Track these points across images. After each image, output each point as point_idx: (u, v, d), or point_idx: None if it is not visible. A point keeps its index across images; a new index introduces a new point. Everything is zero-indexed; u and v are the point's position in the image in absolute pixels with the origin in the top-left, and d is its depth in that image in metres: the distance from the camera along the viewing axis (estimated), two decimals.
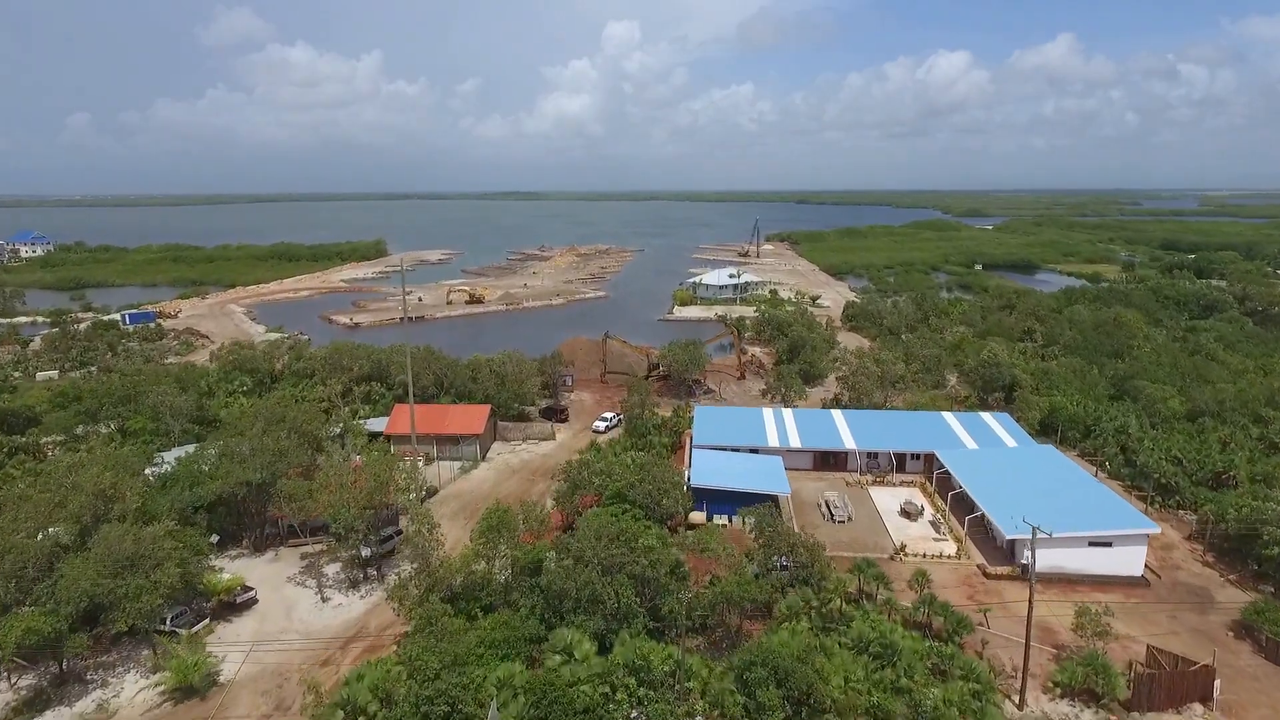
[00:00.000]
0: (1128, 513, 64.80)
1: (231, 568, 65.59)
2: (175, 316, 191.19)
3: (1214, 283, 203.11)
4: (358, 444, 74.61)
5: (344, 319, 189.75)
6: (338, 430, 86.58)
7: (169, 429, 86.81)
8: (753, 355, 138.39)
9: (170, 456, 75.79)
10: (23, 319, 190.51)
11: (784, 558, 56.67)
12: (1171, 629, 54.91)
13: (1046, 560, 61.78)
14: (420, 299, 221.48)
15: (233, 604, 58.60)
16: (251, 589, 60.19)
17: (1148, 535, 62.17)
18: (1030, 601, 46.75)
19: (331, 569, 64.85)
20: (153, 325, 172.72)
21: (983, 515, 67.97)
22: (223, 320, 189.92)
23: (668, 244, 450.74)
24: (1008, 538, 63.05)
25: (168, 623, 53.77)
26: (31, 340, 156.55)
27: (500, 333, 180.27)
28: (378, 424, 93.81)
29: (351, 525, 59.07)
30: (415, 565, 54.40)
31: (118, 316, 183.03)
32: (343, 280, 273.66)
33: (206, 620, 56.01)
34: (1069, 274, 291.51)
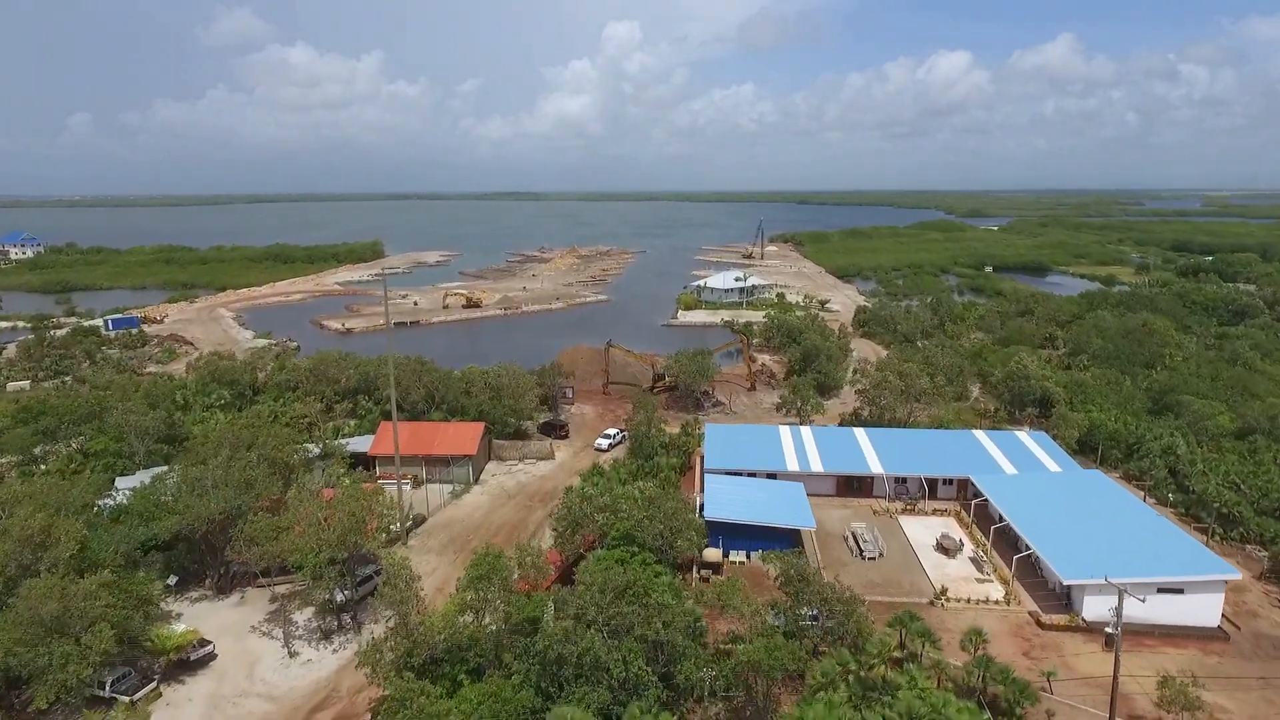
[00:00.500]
0: (1200, 554, 57.62)
1: (190, 613, 58.51)
2: (160, 321, 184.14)
3: (1241, 286, 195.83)
4: (334, 473, 67.49)
5: (336, 324, 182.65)
6: (317, 451, 79.44)
7: (133, 450, 79.69)
8: (763, 364, 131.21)
9: (131, 483, 68.77)
10: (2, 324, 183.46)
11: (815, 609, 49.53)
12: (1267, 698, 47.70)
13: (1108, 608, 54.62)
14: (416, 303, 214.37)
15: (186, 661, 51.45)
16: (209, 643, 53.01)
17: (1225, 581, 55.00)
18: (1115, 677, 39.59)
19: (302, 615, 57.70)
20: (135, 331, 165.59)
21: (1033, 554, 60.75)
22: (210, 325, 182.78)
23: (669, 245, 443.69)
24: (1066, 583, 55.89)
25: (107, 688, 46.67)
26: (6, 347, 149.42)
27: (498, 339, 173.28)
28: (362, 443, 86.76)
29: (319, 572, 51.93)
30: (390, 622, 47.16)
31: (100, 322, 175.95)
32: (337, 283, 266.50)
33: (154, 684, 48.82)
34: (1081, 276, 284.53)
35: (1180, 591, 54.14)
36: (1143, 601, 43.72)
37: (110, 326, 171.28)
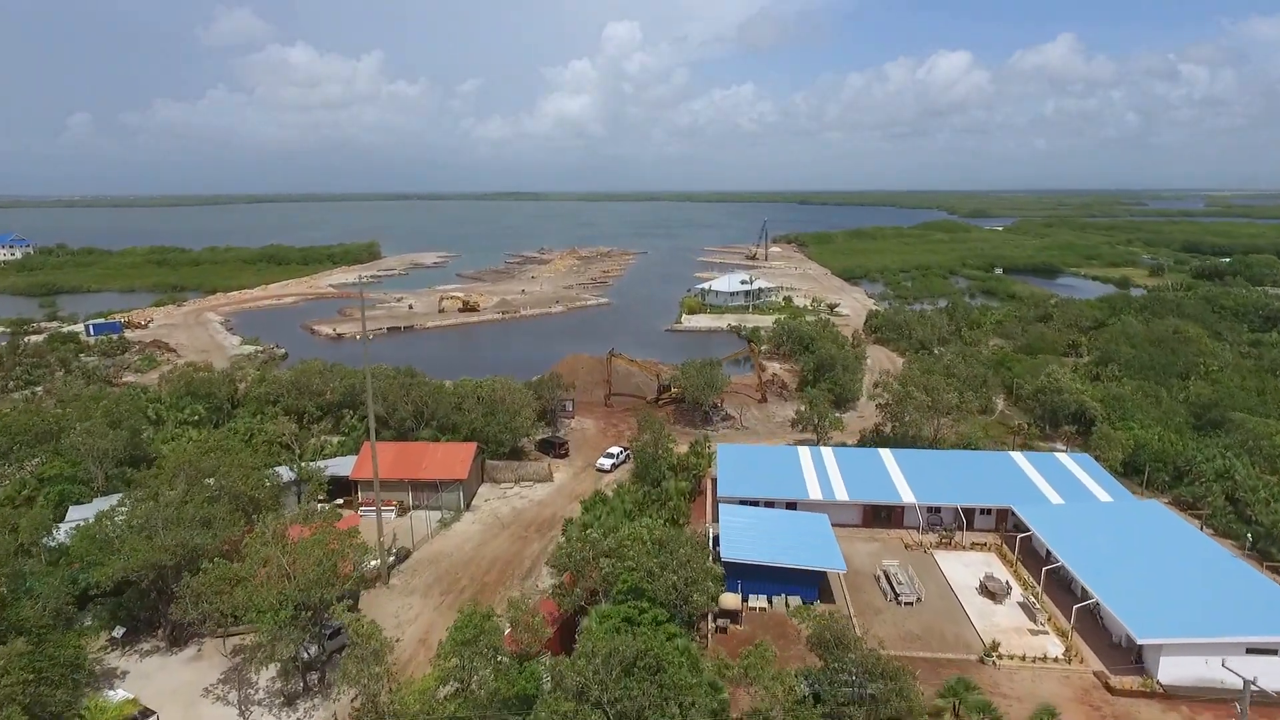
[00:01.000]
0: None
1: (137, 671, 51.43)
2: (145, 326, 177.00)
3: (1270, 290, 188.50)
4: (305, 510, 60.12)
5: (327, 329, 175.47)
6: (292, 476, 72.33)
7: (91, 475, 72.61)
8: (774, 374, 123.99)
9: (87, 513, 61.58)
10: None
11: (856, 678, 42.46)
12: None
13: (1186, 672, 47.77)
14: (411, 306, 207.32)
15: None
16: (152, 714, 45.91)
17: None
18: None
19: (264, 674, 50.55)
20: (115, 338, 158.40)
21: (1096, 605, 53.62)
22: (196, 330, 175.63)
23: (671, 246, 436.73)
24: (1140, 642, 48.74)
25: None
26: None
27: (494, 345, 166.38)
28: (344, 465, 79.65)
29: (279, 633, 44.78)
30: (358, 701, 40.04)
31: (80, 327, 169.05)
32: (331, 285, 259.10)
33: None
34: (1094, 278, 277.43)
35: (1275, 653, 47.05)
36: (1276, 695, 36.38)
37: (91, 332, 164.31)
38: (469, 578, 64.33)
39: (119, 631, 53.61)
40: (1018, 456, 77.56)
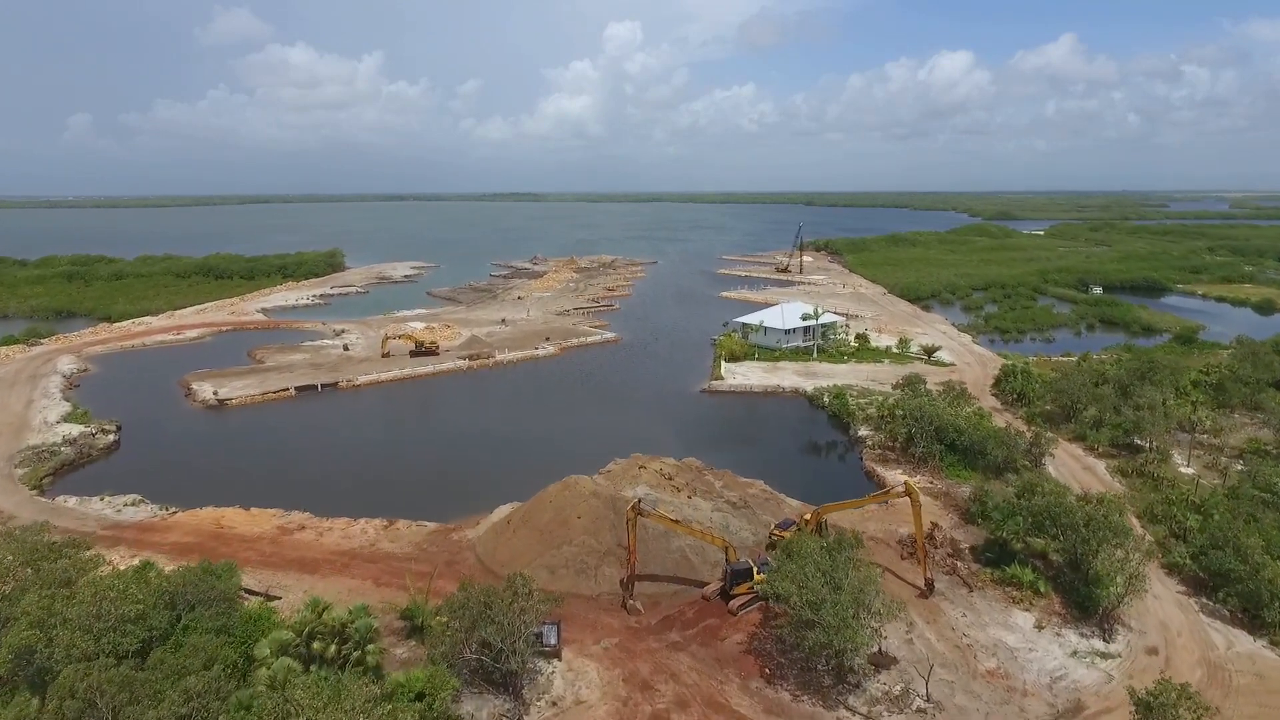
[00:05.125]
0: None
1: None
2: None
3: None
4: None
5: (208, 390, 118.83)
6: None
7: None
8: (934, 527, 67.43)
9: None
10: None
11: None
12: None
13: None
14: (347, 346, 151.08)
15: None
16: None
17: None
18: None
19: None
20: None
21: None
22: (15, 393, 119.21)
23: (681, 252, 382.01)
24: None
25: None
26: None
27: (447, 421, 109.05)
28: None
29: None
30: None
31: None
32: (261, 310, 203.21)
33: None
34: (1220, 299, 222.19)
35: None
36: None
37: None
38: None
39: None
40: None
